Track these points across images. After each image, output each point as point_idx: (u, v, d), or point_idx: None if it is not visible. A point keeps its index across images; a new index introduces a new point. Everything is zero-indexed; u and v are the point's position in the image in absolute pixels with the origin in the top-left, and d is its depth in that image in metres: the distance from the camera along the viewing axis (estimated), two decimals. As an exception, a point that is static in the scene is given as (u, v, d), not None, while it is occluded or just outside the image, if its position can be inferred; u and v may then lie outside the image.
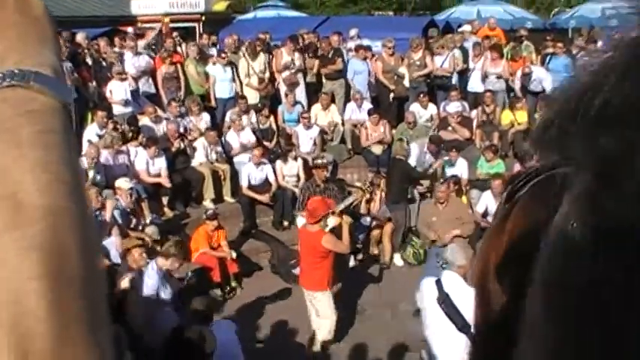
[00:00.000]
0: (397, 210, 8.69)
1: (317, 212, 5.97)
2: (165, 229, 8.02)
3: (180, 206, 8.87)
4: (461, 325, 4.00)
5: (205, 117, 9.96)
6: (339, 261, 6.67)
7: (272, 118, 10.45)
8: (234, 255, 7.72)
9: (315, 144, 10.07)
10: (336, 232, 6.62)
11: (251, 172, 9.02)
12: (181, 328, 4.84)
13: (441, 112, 10.57)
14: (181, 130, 9.33)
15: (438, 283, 4.28)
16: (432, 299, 4.25)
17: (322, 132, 10.45)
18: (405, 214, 8.75)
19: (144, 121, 9.24)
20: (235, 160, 9.67)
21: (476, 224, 8.22)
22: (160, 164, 8.59)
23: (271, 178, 9.11)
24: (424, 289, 4.46)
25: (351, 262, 8.37)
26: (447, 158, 9.27)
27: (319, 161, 8.21)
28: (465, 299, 4.08)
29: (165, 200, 8.69)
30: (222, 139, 9.98)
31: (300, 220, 7.61)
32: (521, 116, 9.86)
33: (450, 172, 8.95)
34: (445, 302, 4.11)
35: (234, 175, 9.38)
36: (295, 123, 10.58)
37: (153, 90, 10.11)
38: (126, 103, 9.42)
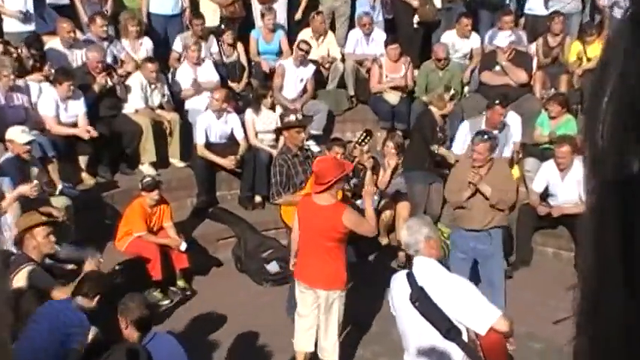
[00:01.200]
0: (415, 183, 8.64)
1: (327, 175, 5.80)
2: (82, 202, 7.96)
3: (106, 171, 8.85)
4: (445, 328, 4.20)
5: (147, 43, 9.84)
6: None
7: (240, 47, 10.37)
8: (183, 244, 7.66)
9: (305, 89, 9.95)
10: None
11: (210, 124, 8.94)
12: (103, 345, 4.81)
13: (486, 44, 10.47)
14: (109, 60, 9.21)
15: (409, 275, 4.47)
16: (404, 298, 4.41)
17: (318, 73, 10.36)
18: (427, 191, 8.67)
19: (52, 44, 9.10)
20: (187, 106, 9.62)
21: (525, 209, 8.17)
22: (77, 109, 8.49)
23: (239, 135, 9.06)
24: (393, 286, 4.64)
25: (349, 256, 8.26)
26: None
27: (292, 118, 7.72)
28: (446, 289, 4.32)
29: (83, 161, 8.63)
30: (169, 75, 9.88)
31: (285, 208, 7.39)
32: (594, 50, 9.74)
33: (495, 132, 8.82)
34: (420, 300, 4.32)
35: (186, 129, 9.34)
36: (275, 56, 10.42)
37: (66, 0, 9.92)
38: (25, 18, 9.24)
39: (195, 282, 8.10)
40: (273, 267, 8.09)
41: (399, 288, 4.54)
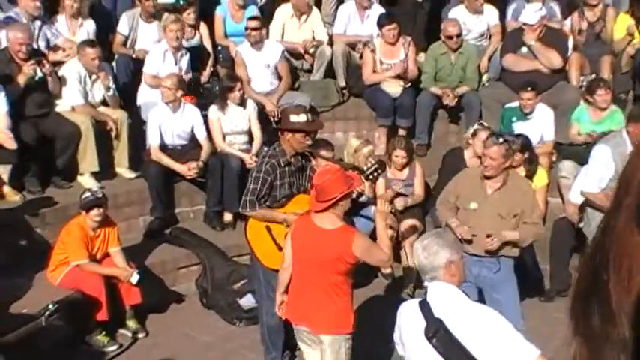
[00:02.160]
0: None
1: (332, 191, 5.74)
2: (4, 223, 7.92)
3: (35, 184, 8.78)
4: None
5: (89, 24, 9.80)
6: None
7: (204, 29, 10.37)
8: (134, 275, 7.59)
9: (277, 76, 9.95)
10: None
11: (164, 120, 8.90)
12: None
13: (509, 20, 10.46)
14: (41, 44, 9.13)
15: (423, 305, 4.45)
16: (417, 334, 4.39)
17: (295, 56, 10.33)
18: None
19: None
20: (139, 102, 9.59)
21: (561, 225, 8.12)
22: None
23: (200, 134, 9.04)
24: (401, 318, 4.64)
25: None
26: (514, 105, 9.19)
27: (302, 118, 6.89)
28: (471, 322, 4.28)
29: (4, 173, 8.59)
30: (114, 64, 9.82)
31: (252, 223, 7.19)
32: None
33: (522, 129, 8.83)
34: (438, 335, 4.29)
35: (136, 131, 9.30)
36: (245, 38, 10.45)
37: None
38: None
39: (149, 321, 8.04)
40: (247, 301, 8.05)
41: (409, 320, 4.51)
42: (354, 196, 7.60)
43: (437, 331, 4.31)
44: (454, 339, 4.27)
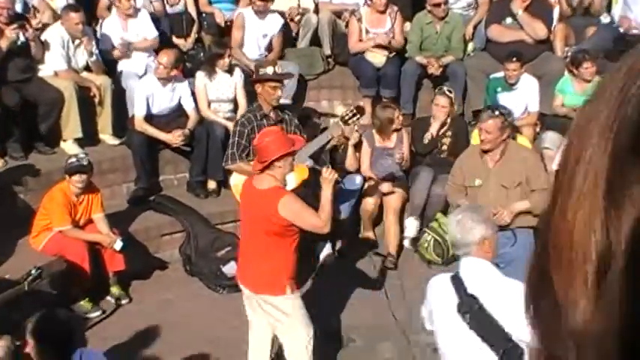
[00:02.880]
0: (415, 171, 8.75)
1: (268, 152, 5.89)
2: None
3: (18, 150, 8.78)
4: (503, 348, 4.15)
5: (68, -14, 9.69)
6: (300, 250, 6.62)
7: (188, -5, 10.30)
8: (118, 241, 7.62)
9: (269, 47, 9.92)
10: (308, 194, 6.50)
11: (153, 92, 8.88)
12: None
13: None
14: (18, 8, 9.08)
15: (456, 280, 4.42)
16: (449, 310, 4.37)
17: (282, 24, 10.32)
18: (430, 178, 8.74)
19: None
20: (121, 68, 9.54)
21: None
22: None
23: (188, 105, 9.03)
24: (432, 293, 4.62)
25: (324, 253, 8.38)
26: (499, 75, 9.22)
27: (269, 70, 7.98)
28: (506, 299, 4.19)
29: None
30: (98, 28, 9.75)
31: (236, 179, 7.57)
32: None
33: (506, 100, 8.88)
34: (471, 312, 4.27)
35: (120, 97, 9.28)
36: (231, 5, 10.38)
37: None
38: None
39: (133, 288, 8.08)
40: (230, 269, 8.07)
41: (440, 295, 4.48)
42: (329, 144, 7.79)
43: (470, 307, 4.28)
44: (488, 315, 4.24)
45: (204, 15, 10.47)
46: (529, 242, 7.08)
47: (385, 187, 8.64)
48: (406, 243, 8.72)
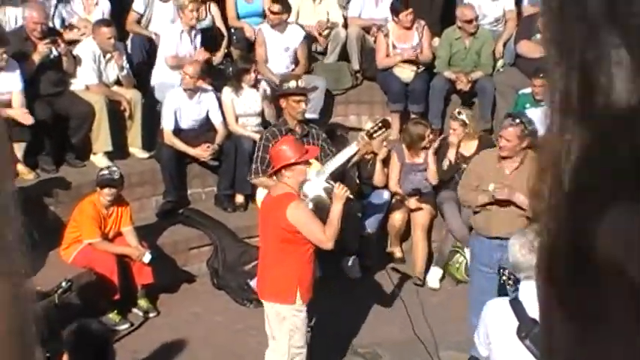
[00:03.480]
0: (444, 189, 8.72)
1: (277, 159, 5.99)
2: (18, 202, 7.89)
3: (49, 163, 8.84)
4: None
5: (104, 3, 9.78)
6: (327, 265, 6.63)
7: (215, 10, 10.36)
8: (147, 254, 7.68)
9: (295, 61, 9.95)
10: (322, 210, 6.55)
11: (180, 105, 8.95)
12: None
13: (525, 5, 10.42)
14: (56, 23, 9.14)
15: (516, 304, 4.39)
16: (508, 334, 4.34)
17: (309, 39, 10.34)
18: (456, 208, 8.67)
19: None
20: (153, 82, 9.62)
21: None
22: (10, 84, 8.46)
23: (216, 119, 9.08)
24: (490, 317, 4.60)
25: (352, 269, 8.40)
26: (527, 91, 9.20)
27: (292, 84, 8.03)
28: None
29: (18, 151, 8.57)
30: (128, 43, 9.83)
31: (262, 194, 7.59)
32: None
33: (533, 115, 8.81)
34: (531, 336, 4.22)
35: (150, 111, 9.36)
36: (260, 19, 10.42)
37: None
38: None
39: (160, 301, 8.11)
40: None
41: (499, 320, 4.47)
42: (354, 158, 7.79)
43: (530, 331, 4.25)
44: None
45: (233, 30, 10.51)
46: None
47: (413, 203, 8.63)
48: (433, 270, 8.64)
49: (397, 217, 8.77)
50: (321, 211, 6.65)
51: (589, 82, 0.52)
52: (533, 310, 4.29)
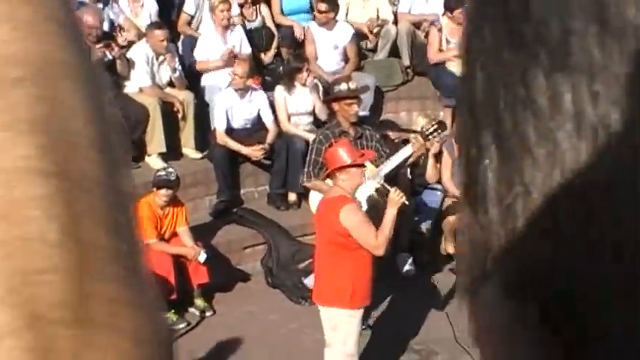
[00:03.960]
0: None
1: (332, 161, 5.99)
2: None
3: (105, 164, 8.93)
4: None
5: (149, 4, 9.88)
6: (382, 263, 6.59)
7: (265, 9, 10.42)
8: (202, 254, 7.76)
9: (345, 58, 9.93)
10: (376, 212, 6.51)
11: (232, 105, 9.01)
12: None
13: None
14: (106, 27, 9.28)
15: None
16: None
17: (359, 36, 10.34)
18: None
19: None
20: (205, 83, 9.69)
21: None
22: None
23: (267, 118, 9.12)
24: None
25: (406, 267, 8.39)
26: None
27: (343, 87, 7.99)
28: None
29: None
30: (179, 44, 9.94)
31: (315, 197, 7.57)
32: None
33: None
34: None
35: (202, 112, 9.43)
36: (307, 15, 10.44)
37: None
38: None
39: (216, 300, 8.16)
40: (311, 280, 8.08)
41: None
42: (409, 160, 7.75)
43: None
44: None
45: (279, 27, 10.54)
46: None
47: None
48: None
49: (451, 214, 8.72)
50: (374, 210, 6.64)
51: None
52: None
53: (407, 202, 6.50)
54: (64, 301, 0.41)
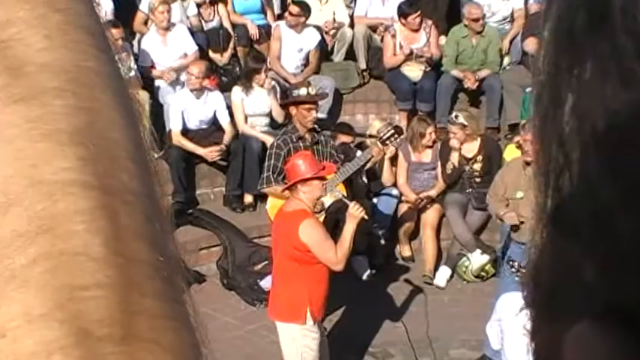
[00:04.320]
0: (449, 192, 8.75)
1: (293, 174, 5.91)
2: None
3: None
4: None
5: (106, 3, 9.72)
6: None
7: (223, 9, 10.41)
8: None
9: (306, 62, 10.00)
10: (332, 223, 6.52)
11: (187, 106, 8.98)
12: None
13: (531, 3, 10.39)
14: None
15: None
16: (520, 328, 4.33)
17: (324, 43, 10.40)
18: (459, 214, 8.71)
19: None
20: (159, 83, 9.65)
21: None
22: None
23: (223, 119, 9.10)
24: (503, 312, 4.73)
25: (362, 270, 8.46)
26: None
27: (302, 92, 7.88)
28: None
29: None
30: (135, 43, 9.88)
31: (272, 202, 7.59)
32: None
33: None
34: None
35: (157, 112, 9.38)
36: (260, 14, 10.46)
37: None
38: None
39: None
40: (267, 283, 8.08)
41: (512, 313, 4.48)
42: (366, 166, 7.77)
43: None
44: None
45: (235, 27, 10.49)
46: None
47: (422, 201, 8.64)
48: (442, 269, 8.63)
49: (406, 216, 8.78)
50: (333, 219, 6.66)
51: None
52: None
53: (366, 217, 6.42)
54: (110, 318, 0.41)
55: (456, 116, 8.62)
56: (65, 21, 0.49)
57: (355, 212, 5.94)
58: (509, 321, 4.62)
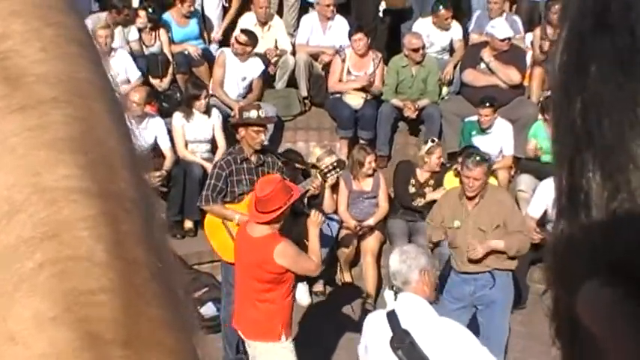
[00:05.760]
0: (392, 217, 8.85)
1: (273, 202, 5.88)
2: None
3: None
4: None
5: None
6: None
7: (164, 34, 10.41)
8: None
9: (249, 90, 10.05)
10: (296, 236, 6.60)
11: (127, 131, 8.85)
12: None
13: (471, 35, 10.62)
14: None
15: (391, 315, 4.55)
16: (383, 345, 4.46)
17: (267, 73, 10.43)
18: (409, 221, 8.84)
19: None
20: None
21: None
22: None
23: (164, 145, 9.07)
24: (368, 329, 4.76)
25: (302, 296, 8.41)
26: (473, 119, 9.38)
27: (253, 114, 7.99)
28: (438, 336, 4.37)
29: None
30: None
31: (208, 220, 7.60)
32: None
33: (481, 143, 8.98)
34: (403, 347, 4.35)
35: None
36: (199, 41, 10.50)
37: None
38: None
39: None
40: (207, 310, 8.05)
41: (376, 330, 4.58)
42: (306, 195, 7.82)
43: (402, 343, 4.35)
44: (419, 351, 4.31)
45: (174, 55, 10.46)
46: (508, 285, 7.14)
47: (362, 229, 8.68)
48: (387, 293, 8.60)
49: (346, 243, 8.80)
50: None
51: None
52: (406, 321, 4.45)
53: (325, 220, 6.78)
54: (116, 321, 0.43)
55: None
56: (58, 34, 0.51)
57: (317, 219, 6.39)
58: (372, 337, 4.68)
